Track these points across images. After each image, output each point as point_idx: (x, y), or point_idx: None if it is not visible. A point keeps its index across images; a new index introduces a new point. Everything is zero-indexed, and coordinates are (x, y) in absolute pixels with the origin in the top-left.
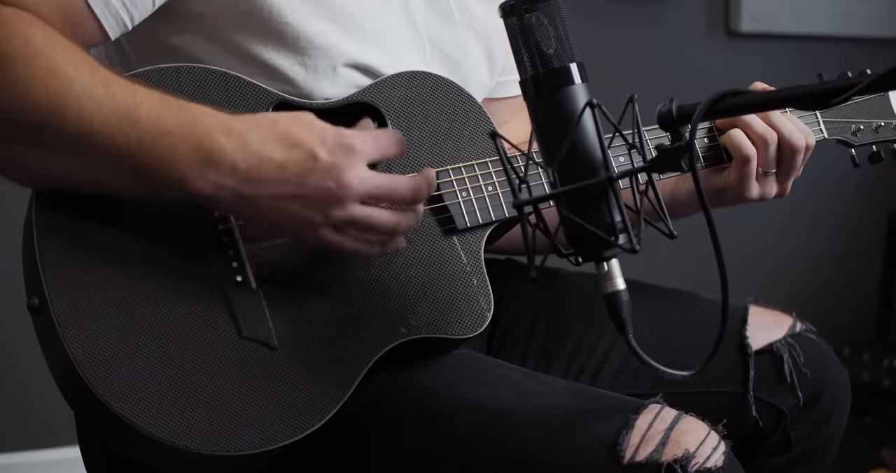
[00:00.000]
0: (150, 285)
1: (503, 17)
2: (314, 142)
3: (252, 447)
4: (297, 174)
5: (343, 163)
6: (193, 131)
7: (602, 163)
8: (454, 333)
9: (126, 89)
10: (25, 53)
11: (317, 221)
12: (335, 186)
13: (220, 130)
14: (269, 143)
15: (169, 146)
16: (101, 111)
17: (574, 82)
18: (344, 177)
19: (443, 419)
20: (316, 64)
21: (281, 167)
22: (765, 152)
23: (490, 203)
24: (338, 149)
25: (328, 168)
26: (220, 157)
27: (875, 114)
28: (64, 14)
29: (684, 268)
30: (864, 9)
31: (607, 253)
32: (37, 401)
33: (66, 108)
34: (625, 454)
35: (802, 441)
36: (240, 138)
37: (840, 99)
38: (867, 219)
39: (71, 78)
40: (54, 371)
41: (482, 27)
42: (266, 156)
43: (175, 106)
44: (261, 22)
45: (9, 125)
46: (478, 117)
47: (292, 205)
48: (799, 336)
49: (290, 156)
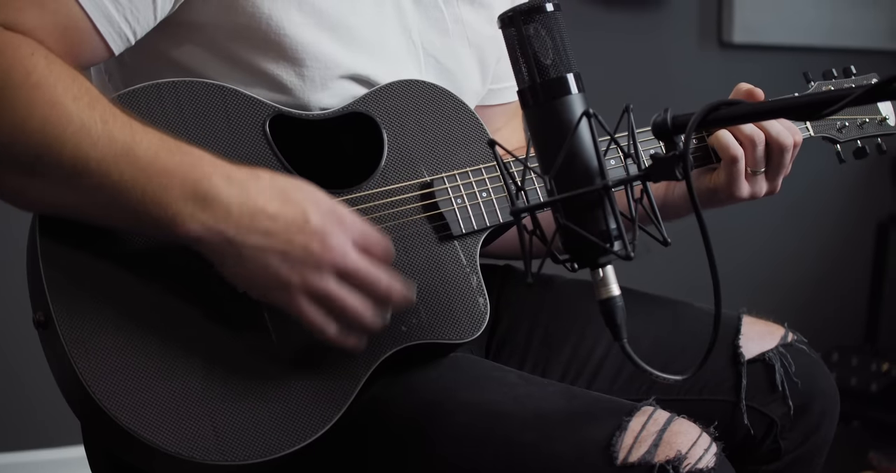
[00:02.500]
0: (152, 299)
1: (502, 28)
2: (308, 202)
3: (257, 456)
4: (285, 229)
5: (331, 229)
6: (192, 172)
7: (598, 172)
8: (452, 338)
9: (124, 126)
10: (27, 83)
11: (293, 282)
12: (319, 249)
13: (221, 175)
14: (266, 195)
15: (164, 186)
16: (97, 147)
17: (571, 92)
18: (329, 242)
19: (441, 420)
20: (313, 74)
21: (272, 219)
22: (752, 152)
23: (485, 209)
24: (329, 215)
25: (316, 230)
26: (216, 200)
27: (859, 110)
28: (67, 34)
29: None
30: (856, 21)
31: (602, 260)
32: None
33: (63, 142)
34: (618, 455)
35: (792, 450)
36: (239, 185)
37: (832, 110)
38: (856, 228)
39: (70, 111)
40: (61, 384)
41: (475, 36)
42: (260, 206)
43: (174, 146)
44: (259, 33)
45: (7, 154)
46: (471, 124)
47: (275, 259)
48: (790, 346)
49: (283, 211)
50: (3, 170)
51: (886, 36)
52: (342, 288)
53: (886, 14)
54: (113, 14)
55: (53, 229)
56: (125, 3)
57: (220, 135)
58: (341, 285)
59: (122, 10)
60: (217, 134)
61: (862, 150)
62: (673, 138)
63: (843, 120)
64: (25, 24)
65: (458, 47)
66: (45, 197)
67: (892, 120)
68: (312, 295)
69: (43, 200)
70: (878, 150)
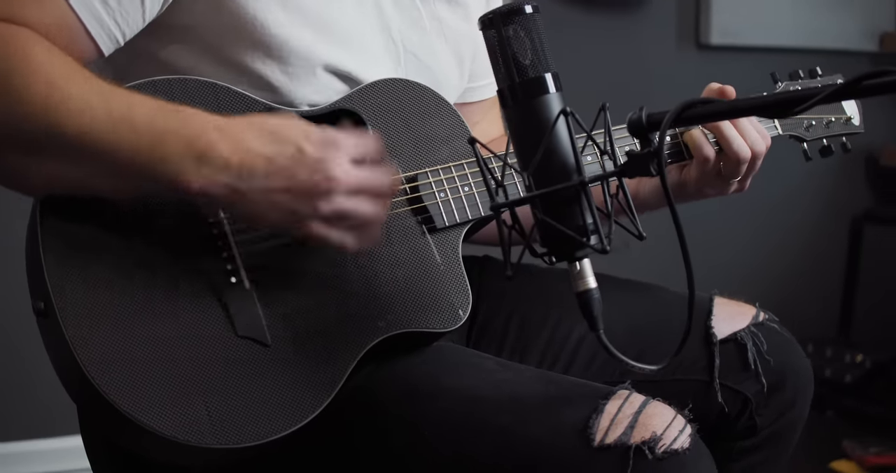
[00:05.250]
0: (149, 287)
1: (482, 29)
2: (300, 137)
3: (249, 440)
4: (286, 167)
5: (329, 156)
6: (187, 131)
7: (575, 168)
8: (434, 327)
9: (121, 96)
10: (27, 69)
11: (304, 213)
12: (323, 179)
13: (212, 128)
14: (259, 139)
15: (164, 146)
16: (97, 118)
17: (549, 91)
18: (331, 171)
19: (422, 405)
20: (297, 71)
21: (270, 161)
22: (736, 168)
23: (467, 202)
24: (323, 144)
25: (316, 161)
26: (213, 153)
27: (826, 109)
28: (60, 32)
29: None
30: (829, 23)
31: (579, 254)
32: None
33: (65, 117)
34: (594, 437)
35: (767, 426)
36: (231, 135)
37: (801, 109)
38: (831, 224)
39: (69, 88)
40: (60, 371)
41: (451, 33)
42: (256, 150)
43: (168, 108)
44: (245, 33)
45: (11, 136)
46: (453, 121)
47: (282, 197)
48: (762, 325)
49: (279, 151)
50: (8, 153)
51: (859, 37)
52: (352, 202)
53: (859, 16)
54: (102, 15)
55: (54, 217)
56: (114, 6)
57: None
58: (350, 199)
59: (112, 13)
60: None
61: (828, 149)
62: (647, 135)
63: (811, 119)
64: (25, 18)
65: (435, 44)
66: (51, 175)
67: (856, 119)
68: (326, 218)
69: (48, 179)
70: (843, 149)
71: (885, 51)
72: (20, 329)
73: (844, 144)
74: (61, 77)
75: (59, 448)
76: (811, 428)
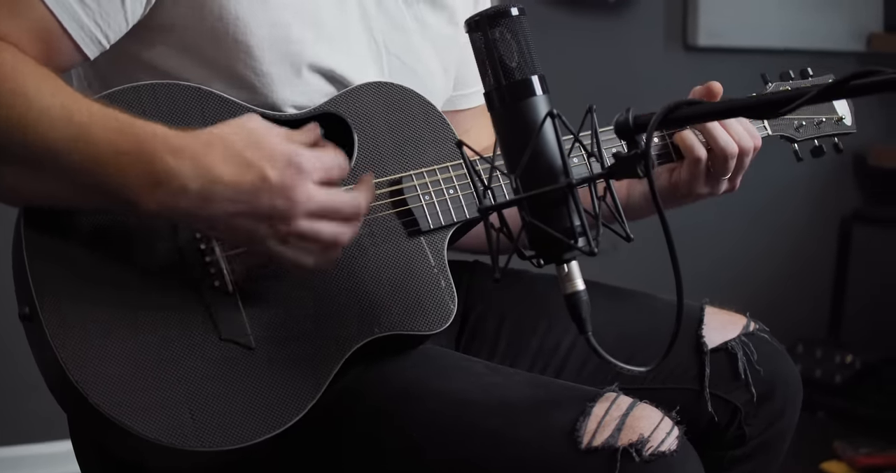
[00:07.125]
0: (133, 291)
1: (468, 32)
2: (264, 161)
3: (233, 442)
4: (248, 193)
5: (292, 182)
6: (143, 153)
7: (562, 170)
8: (421, 329)
9: (83, 109)
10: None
11: (266, 236)
12: (284, 204)
13: (169, 152)
14: (221, 164)
15: (121, 166)
16: (57, 130)
17: (535, 94)
18: (293, 196)
19: (411, 407)
20: (281, 71)
21: (232, 187)
22: (724, 164)
23: (452, 205)
24: (287, 169)
25: (277, 187)
26: (169, 179)
27: (817, 109)
28: (40, 39)
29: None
30: (816, 24)
31: (567, 256)
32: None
33: (25, 127)
34: (582, 439)
35: (757, 435)
36: (191, 160)
37: (788, 109)
38: (820, 225)
39: (32, 98)
40: (46, 376)
41: (435, 36)
42: (217, 175)
43: (127, 126)
44: (227, 35)
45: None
46: (438, 124)
47: (243, 220)
48: (752, 335)
49: (241, 176)
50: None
51: (846, 38)
52: (314, 224)
53: (846, 16)
54: (82, 17)
55: (38, 224)
56: (93, 7)
57: None
58: (312, 222)
59: (92, 14)
60: None
61: (819, 149)
62: (634, 137)
63: (801, 119)
64: (0, 30)
65: (419, 47)
66: (19, 185)
67: (848, 119)
68: (286, 240)
69: (18, 190)
70: (835, 149)
71: (872, 51)
72: (10, 334)
73: (836, 145)
74: (27, 86)
75: (49, 453)
76: (802, 430)
